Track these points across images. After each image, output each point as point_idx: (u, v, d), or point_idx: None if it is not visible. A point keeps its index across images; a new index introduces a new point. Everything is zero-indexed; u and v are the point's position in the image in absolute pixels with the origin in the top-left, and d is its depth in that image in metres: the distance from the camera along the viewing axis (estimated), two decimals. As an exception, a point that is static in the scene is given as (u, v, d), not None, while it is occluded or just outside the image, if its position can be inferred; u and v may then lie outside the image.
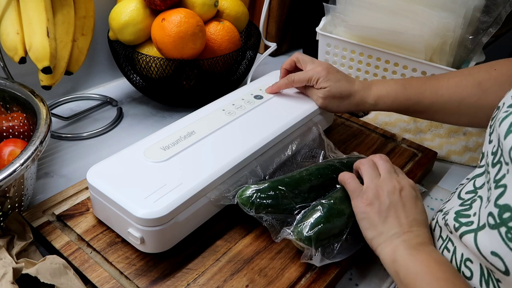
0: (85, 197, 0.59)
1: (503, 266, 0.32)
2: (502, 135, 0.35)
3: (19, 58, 0.64)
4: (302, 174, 0.56)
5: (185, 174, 0.53)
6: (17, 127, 0.64)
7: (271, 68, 0.83)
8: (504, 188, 0.33)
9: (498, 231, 0.32)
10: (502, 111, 0.37)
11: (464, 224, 0.39)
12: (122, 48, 0.78)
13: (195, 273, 0.50)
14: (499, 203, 0.33)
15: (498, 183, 0.35)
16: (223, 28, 0.79)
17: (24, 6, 0.64)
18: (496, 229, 0.33)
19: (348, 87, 0.64)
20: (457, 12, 0.73)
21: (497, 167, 0.36)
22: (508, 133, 0.34)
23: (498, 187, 0.34)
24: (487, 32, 0.75)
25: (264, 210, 0.52)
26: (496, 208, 0.33)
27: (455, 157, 0.74)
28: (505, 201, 0.33)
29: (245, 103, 0.67)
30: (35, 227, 0.54)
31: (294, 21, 1.12)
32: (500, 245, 0.32)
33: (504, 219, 0.32)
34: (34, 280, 0.44)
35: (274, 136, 0.61)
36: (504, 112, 0.37)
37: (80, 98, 0.87)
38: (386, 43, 0.80)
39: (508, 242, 0.31)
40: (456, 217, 0.41)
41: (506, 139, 0.34)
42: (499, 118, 0.37)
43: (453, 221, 0.41)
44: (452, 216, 0.41)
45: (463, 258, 0.39)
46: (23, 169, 0.49)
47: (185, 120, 0.63)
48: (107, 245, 0.53)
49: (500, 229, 0.32)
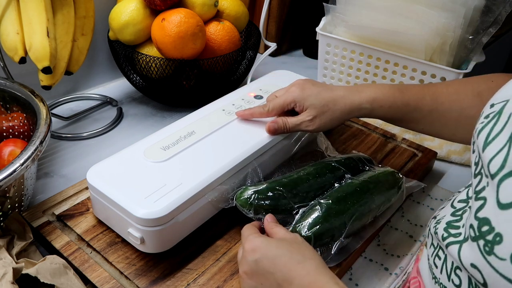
0: (85, 197, 0.59)
1: (481, 278, 0.32)
2: (481, 147, 0.35)
3: (19, 58, 0.64)
4: (300, 174, 0.56)
5: (185, 174, 0.53)
6: (17, 127, 0.64)
7: (271, 68, 0.83)
8: (484, 201, 0.33)
9: (477, 243, 0.32)
10: (479, 122, 0.37)
11: (452, 235, 0.39)
12: (122, 48, 0.78)
13: (195, 273, 0.50)
14: (478, 215, 0.33)
15: (478, 195, 0.34)
16: (223, 28, 0.79)
17: (24, 6, 0.64)
18: (475, 241, 0.33)
19: (331, 95, 0.57)
20: (457, 12, 0.73)
21: (478, 178, 0.35)
22: (485, 145, 0.34)
23: (478, 199, 0.34)
24: (487, 32, 0.75)
25: (263, 211, 0.52)
26: (476, 221, 0.33)
27: (455, 157, 0.74)
28: (484, 215, 0.32)
29: (245, 103, 0.67)
30: (35, 227, 0.54)
31: (294, 21, 1.12)
32: (479, 258, 0.32)
33: (483, 232, 0.32)
34: (34, 280, 0.44)
35: (274, 137, 0.61)
36: (480, 123, 0.36)
37: (80, 98, 0.87)
38: (386, 43, 0.80)
39: (486, 255, 0.31)
40: (447, 227, 0.40)
41: (484, 151, 0.34)
42: (477, 129, 0.36)
43: (442, 231, 0.40)
44: (443, 226, 0.41)
45: (453, 266, 0.39)
46: (23, 169, 0.49)
47: (185, 120, 0.63)
48: (107, 245, 0.53)
49: (479, 242, 0.32)
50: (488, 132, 0.34)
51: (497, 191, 0.31)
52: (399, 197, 0.59)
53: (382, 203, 0.56)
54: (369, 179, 0.56)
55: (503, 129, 0.33)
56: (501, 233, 0.30)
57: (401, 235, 0.59)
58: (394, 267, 0.55)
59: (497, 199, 0.31)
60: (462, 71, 0.74)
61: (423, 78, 0.79)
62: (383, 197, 0.56)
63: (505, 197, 0.30)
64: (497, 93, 0.38)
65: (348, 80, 0.88)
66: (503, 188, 0.30)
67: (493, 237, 0.31)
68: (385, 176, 0.58)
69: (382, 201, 0.56)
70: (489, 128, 0.34)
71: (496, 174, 0.31)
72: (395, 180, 0.58)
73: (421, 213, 0.63)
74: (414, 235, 0.59)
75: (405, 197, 0.60)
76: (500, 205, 0.30)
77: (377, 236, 0.59)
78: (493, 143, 0.33)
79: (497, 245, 0.30)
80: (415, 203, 0.65)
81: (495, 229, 0.31)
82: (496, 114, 0.35)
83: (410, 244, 0.58)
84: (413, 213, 0.63)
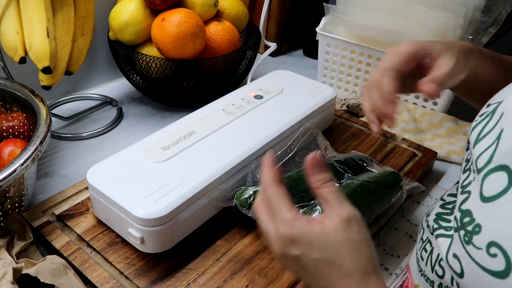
0: (85, 197, 0.59)
1: (459, 268, 0.34)
2: (472, 143, 0.36)
3: (19, 58, 0.64)
4: (299, 174, 0.56)
5: (185, 174, 0.53)
6: (17, 127, 0.64)
7: (271, 68, 0.83)
8: (468, 194, 0.35)
9: (458, 234, 0.34)
10: (475, 120, 0.38)
11: (443, 227, 0.40)
12: (122, 48, 0.78)
13: (195, 273, 0.50)
14: (462, 208, 0.34)
15: (464, 189, 0.36)
16: (223, 28, 0.79)
17: (24, 6, 0.64)
18: (457, 232, 0.34)
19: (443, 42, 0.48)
20: (457, 12, 0.73)
21: (466, 173, 0.37)
22: (476, 141, 0.35)
23: (464, 193, 0.35)
24: (487, 32, 0.75)
25: None
26: (459, 213, 0.35)
27: (455, 157, 0.74)
28: (467, 207, 0.34)
29: (245, 103, 0.67)
30: (35, 227, 0.54)
31: (294, 21, 1.12)
32: (459, 247, 0.34)
33: (464, 223, 0.33)
34: (34, 280, 0.44)
35: (274, 136, 0.61)
36: (475, 120, 0.38)
37: (80, 98, 0.87)
38: (386, 43, 0.80)
39: (465, 245, 0.33)
40: (436, 219, 0.42)
41: (474, 147, 0.35)
42: (471, 126, 0.38)
43: (433, 222, 0.42)
44: (433, 217, 0.42)
45: (438, 258, 0.40)
46: (23, 169, 0.49)
47: (185, 120, 0.63)
48: (107, 245, 0.53)
49: (460, 232, 0.34)
50: (480, 129, 0.36)
51: (481, 185, 0.33)
52: (399, 197, 0.59)
53: (383, 203, 0.56)
54: (369, 179, 0.56)
55: (494, 127, 0.34)
56: (480, 224, 0.32)
57: (401, 235, 0.59)
58: (394, 267, 0.55)
59: (480, 192, 0.32)
60: (462, 71, 0.74)
61: (423, 78, 0.79)
62: (384, 197, 0.56)
63: (488, 191, 0.32)
64: (496, 94, 0.38)
65: (348, 80, 0.88)
66: (487, 182, 0.32)
67: (472, 227, 0.32)
68: (385, 176, 0.58)
69: (383, 201, 0.56)
70: (482, 125, 0.36)
71: (482, 168, 0.33)
72: (395, 180, 0.58)
73: (421, 213, 0.63)
74: (414, 235, 0.59)
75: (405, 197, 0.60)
76: (482, 198, 0.32)
77: (377, 236, 0.59)
78: (483, 140, 0.35)
79: (475, 235, 0.32)
80: (415, 203, 0.65)
81: (475, 220, 0.32)
82: (490, 113, 0.36)
83: (410, 244, 0.58)
84: (413, 213, 0.63)
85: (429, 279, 0.41)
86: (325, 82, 0.91)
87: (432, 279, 0.40)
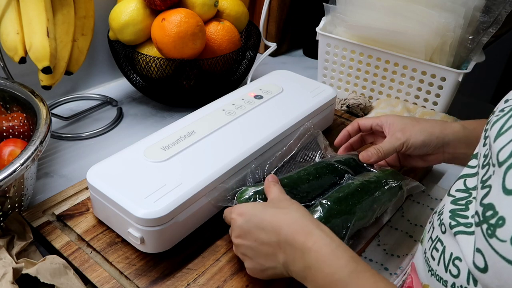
0: (85, 197, 0.59)
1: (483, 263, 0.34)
2: (492, 138, 0.37)
3: (19, 58, 0.64)
4: (300, 174, 0.56)
5: (185, 174, 0.53)
6: (17, 127, 0.64)
7: (271, 68, 0.83)
8: (489, 188, 0.35)
9: (481, 228, 0.34)
10: (495, 115, 0.39)
11: (462, 224, 0.40)
12: (122, 48, 0.78)
13: (195, 273, 0.50)
14: (484, 202, 0.35)
15: (484, 184, 0.36)
16: (223, 28, 0.79)
17: (24, 6, 0.64)
18: (479, 226, 0.35)
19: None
20: (457, 12, 0.73)
21: (485, 168, 0.38)
22: (497, 136, 0.36)
23: (484, 188, 0.36)
24: (487, 32, 0.75)
25: None
26: (481, 207, 0.35)
27: (455, 157, 0.74)
28: (489, 201, 0.34)
29: (245, 103, 0.67)
30: (35, 227, 0.54)
31: (294, 21, 1.12)
32: (482, 241, 0.34)
33: (487, 217, 0.34)
34: (34, 280, 0.44)
35: (274, 136, 0.61)
36: (495, 116, 0.38)
37: (80, 98, 0.87)
38: (386, 43, 0.80)
39: (488, 238, 0.33)
40: (452, 215, 0.42)
41: (495, 141, 0.36)
42: (491, 122, 0.38)
43: (449, 220, 0.42)
44: (448, 215, 0.42)
45: (452, 257, 0.40)
46: (23, 169, 0.49)
47: (185, 120, 0.63)
48: (107, 245, 0.53)
49: (482, 226, 0.34)
50: (502, 124, 0.36)
51: (504, 178, 0.33)
52: (399, 197, 0.59)
53: (383, 203, 0.56)
54: (370, 179, 0.56)
55: None
56: (504, 217, 0.32)
57: (401, 235, 0.59)
58: (394, 267, 0.55)
59: (503, 185, 0.33)
60: (462, 71, 0.74)
61: (423, 78, 0.79)
62: (384, 197, 0.56)
63: (511, 183, 0.32)
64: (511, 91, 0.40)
65: (348, 80, 0.89)
66: (510, 174, 0.32)
67: (496, 220, 0.32)
68: (385, 176, 0.58)
69: (383, 201, 0.56)
70: (504, 120, 0.37)
71: (505, 161, 0.33)
72: (395, 180, 0.58)
73: (421, 213, 0.63)
74: (414, 235, 0.59)
75: (405, 197, 0.60)
76: (505, 191, 0.32)
77: (377, 236, 0.59)
78: (505, 134, 0.35)
79: (499, 228, 0.32)
80: (415, 203, 0.65)
81: (499, 213, 0.32)
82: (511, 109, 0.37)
83: (410, 244, 0.58)
84: (413, 213, 0.63)
85: (442, 279, 0.41)
86: (325, 82, 0.91)
87: (446, 279, 0.40)
